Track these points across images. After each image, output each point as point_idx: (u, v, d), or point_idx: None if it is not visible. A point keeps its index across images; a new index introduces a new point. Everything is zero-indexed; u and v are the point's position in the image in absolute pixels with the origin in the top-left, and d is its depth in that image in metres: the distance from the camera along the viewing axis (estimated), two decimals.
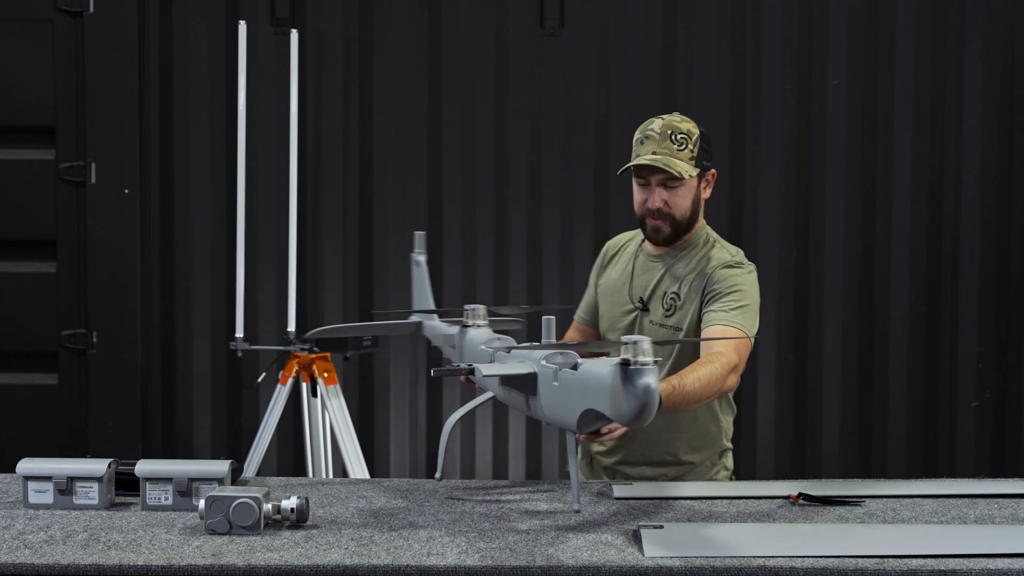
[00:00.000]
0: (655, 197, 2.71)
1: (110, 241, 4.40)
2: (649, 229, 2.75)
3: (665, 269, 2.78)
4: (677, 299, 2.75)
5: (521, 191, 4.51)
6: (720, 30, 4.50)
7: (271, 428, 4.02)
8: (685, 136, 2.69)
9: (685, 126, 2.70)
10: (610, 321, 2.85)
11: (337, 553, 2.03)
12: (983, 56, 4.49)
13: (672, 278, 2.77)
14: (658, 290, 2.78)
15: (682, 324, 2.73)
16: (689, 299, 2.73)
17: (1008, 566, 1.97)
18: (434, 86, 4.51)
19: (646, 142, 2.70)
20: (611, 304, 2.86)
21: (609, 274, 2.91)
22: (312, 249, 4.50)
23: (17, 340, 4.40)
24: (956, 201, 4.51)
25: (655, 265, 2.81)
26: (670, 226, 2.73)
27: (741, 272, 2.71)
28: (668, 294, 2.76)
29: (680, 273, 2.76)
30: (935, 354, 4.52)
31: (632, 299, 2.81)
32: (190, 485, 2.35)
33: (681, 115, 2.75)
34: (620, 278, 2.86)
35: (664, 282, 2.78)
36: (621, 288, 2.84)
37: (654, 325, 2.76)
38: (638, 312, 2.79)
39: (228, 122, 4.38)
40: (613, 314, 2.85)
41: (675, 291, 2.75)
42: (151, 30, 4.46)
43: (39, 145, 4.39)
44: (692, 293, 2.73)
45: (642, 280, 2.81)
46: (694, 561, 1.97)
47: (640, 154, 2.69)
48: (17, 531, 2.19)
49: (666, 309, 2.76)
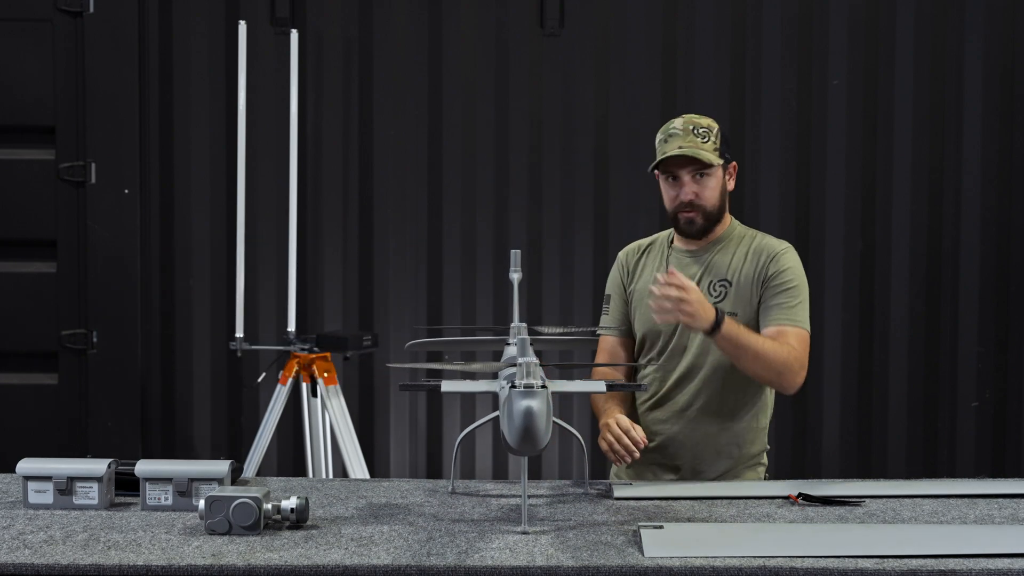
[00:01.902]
0: (686, 190, 2.78)
1: (110, 241, 4.40)
2: (683, 223, 2.82)
3: (706, 262, 2.85)
4: (727, 285, 2.81)
5: (521, 191, 4.51)
6: (720, 30, 4.50)
7: (271, 428, 4.02)
8: (706, 129, 2.78)
9: (705, 121, 2.80)
10: (652, 322, 2.81)
11: (337, 553, 2.03)
12: (983, 56, 4.49)
13: (715, 269, 2.83)
14: (702, 282, 2.82)
15: (737, 309, 2.79)
16: (741, 283, 2.80)
17: (1008, 566, 1.96)
18: (434, 86, 4.51)
19: (670, 139, 2.78)
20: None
21: (642, 278, 2.92)
22: (312, 249, 4.50)
23: (17, 340, 4.40)
24: (956, 201, 4.51)
25: (693, 260, 2.87)
26: (702, 217, 2.81)
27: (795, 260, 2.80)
28: (716, 283, 2.82)
29: (722, 263, 2.83)
30: (935, 354, 4.52)
31: None
32: (190, 485, 2.35)
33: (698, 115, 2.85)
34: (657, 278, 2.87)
35: (707, 274, 2.83)
36: None
37: None
38: None
39: (228, 122, 4.38)
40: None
41: (724, 278, 2.82)
42: (151, 30, 4.46)
43: (39, 145, 4.39)
44: (744, 277, 2.80)
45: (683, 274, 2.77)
46: (694, 561, 1.97)
47: (667, 151, 2.77)
48: (17, 531, 2.18)
49: (716, 296, 2.81)
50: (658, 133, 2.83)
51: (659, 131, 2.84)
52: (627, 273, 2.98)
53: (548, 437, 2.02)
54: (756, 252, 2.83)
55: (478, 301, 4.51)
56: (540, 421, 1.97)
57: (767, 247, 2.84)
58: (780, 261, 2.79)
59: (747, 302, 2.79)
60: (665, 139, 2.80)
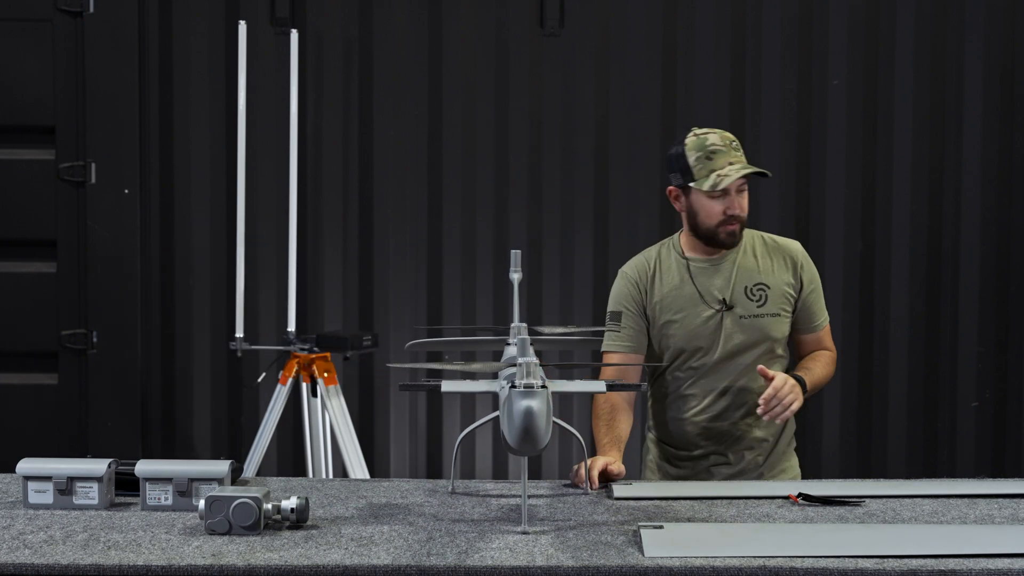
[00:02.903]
0: (736, 204, 2.83)
1: (110, 241, 4.40)
2: (724, 236, 2.84)
3: (734, 267, 2.88)
4: (765, 288, 2.88)
5: (521, 191, 4.51)
6: (720, 30, 4.50)
7: (271, 428, 4.02)
8: (737, 143, 2.86)
9: (729, 135, 2.87)
10: (689, 333, 2.86)
11: (337, 553, 2.03)
12: (983, 56, 4.49)
13: (746, 273, 2.87)
14: (737, 287, 2.86)
15: (777, 309, 2.87)
16: (779, 286, 2.88)
17: (1008, 566, 1.96)
18: (434, 86, 4.51)
19: (717, 156, 2.80)
20: (685, 316, 2.87)
21: (662, 291, 2.90)
22: (312, 249, 4.50)
23: (17, 340, 4.40)
24: (956, 201, 4.51)
25: (718, 267, 2.89)
26: (741, 229, 2.87)
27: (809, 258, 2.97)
28: (752, 287, 2.87)
29: (751, 266, 2.88)
30: (935, 354, 4.52)
31: (710, 303, 2.86)
32: (190, 485, 2.35)
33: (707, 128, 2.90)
34: (683, 293, 2.88)
35: (740, 278, 2.87)
36: (689, 301, 2.87)
37: (745, 318, 2.85)
38: (721, 313, 2.85)
39: (228, 122, 4.38)
40: (690, 325, 2.86)
41: (759, 281, 2.88)
42: (151, 30, 4.46)
43: (39, 145, 4.39)
44: (781, 281, 2.89)
45: (710, 283, 2.87)
46: (694, 561, 1.97)
47: (718, 168, 2.79)
48: (17, 531, 2.18)
49: (756, 300, 2.87)
50: (687, 150, 2.82)
51: (687, 148, 2.83)
52: (643, 289, 2.92)
53: (548, 437, 2.02)
54: (781, 255, 2.93)
55: (478, 301, 4.51)
56: (540, 421, 1.97)
57: (788, 249, 2.94)
58: (809, 263, 2.94)
59: (786, 304, 2.90)
60: (708, 156, 2.80)
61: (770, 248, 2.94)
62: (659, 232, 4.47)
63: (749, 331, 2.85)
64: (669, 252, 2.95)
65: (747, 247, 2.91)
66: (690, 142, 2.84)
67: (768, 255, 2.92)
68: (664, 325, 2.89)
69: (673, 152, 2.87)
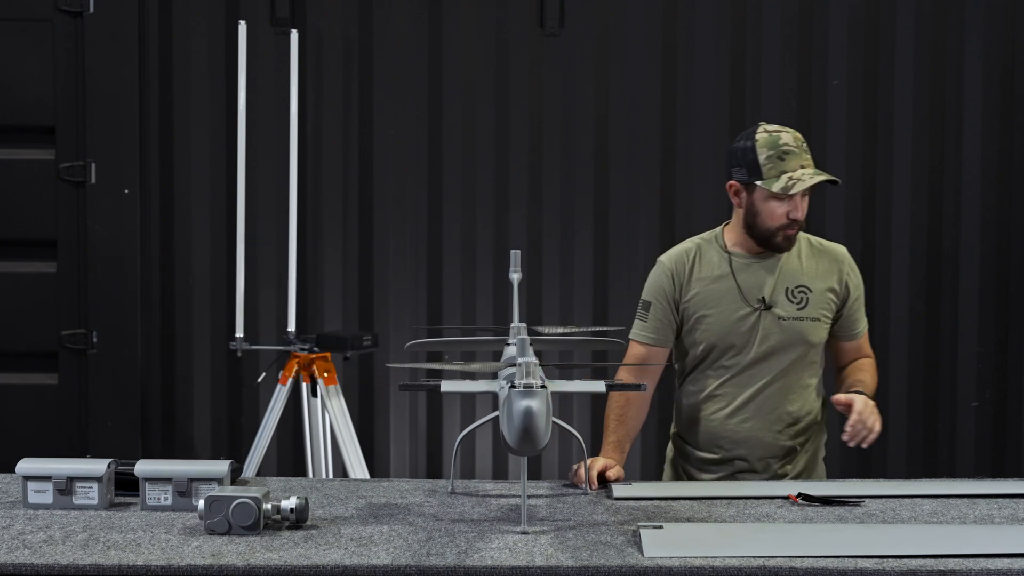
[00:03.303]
0: (800, 209, 2.76)
1: (110, 241, 4.40)
2: (782, 239, 2.78)
3: (777, 266, 2.83)
4: (807, 291, 2.82)
5: (521, 191, 4.51)
6: (720, 30, 4.50)
7: (271, 428, 4.02)
8: (807, 144, 2.79)
9: (799, 135, 2.79)
10: (723, 329, 2.82)
11: (337, 553, 2.03)
12: (983, 56, 4.49)
13: (789, 273, 2.82)
14: (779, 287, 2.81)
15: (817, 314, 2.82)
16: (821, 290, 2.83)
17: (1008, 566, 1.97)
18: (434, 86, 4.51)
19: (789, 157, 2.73)
20: (720, 311, 2.82)
21: (700, 287, 2.85)
22: (312, 249, 4.50)
23: (17, 340, 4.40)
24: (956, 201, 4.51)
25: (761, 265, 2.83)
26: (798, 232, 2.81)
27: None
28: (793, 289, 2.82)
29: (795, 268, 2.83)
30: (935, 354, 4.52)
31: (750, 302, 2.81)
32: (190, 485, 2.35)
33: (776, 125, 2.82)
34: (722, 287, 2.83)
35: (783, 278, 2.82)
36: (727, 296, 2.82)
37: (784, 320, 2.80)
38: (759, 312, 2.80)
39: (228, 122, 4.38)
40: (725, 320, 2.81)
41: (801, 284, 2.82)
42: (151, 30, 4.46)
43: (39, 145, 4.39)
44: (824, 285, 2.84)
45: (752, 282, 2.82)
46: (694, 561, 1.97)
47: (790, 170, 2.72)
48: (17, 531, 2.19)
49: (797, 302, 2.81)
50: (759, 146, 2.74)
51: (758, 144, 2.75)
52: (677, 283, 2.86)
53: (548, 437, 2.02)
54: (827, 259, 2.87)
55: (478, 301, 4.51)
56: (540, 421, 1.97)
57: (834, 254, 2.89)
58: (855, 269, 2.90)
59: (827, 307, 2.84)
60: (780, 156, 2.73)
61: (816, 251, 2.88)
62: (659, 232, 4.48)
63: (787, 333, 2.80)
64: (711, 245, 2.88)
65: (793, 249, 2.84)
66: (761, 139, 2.75)
67: (813, 258, 2.86)
68: (698, 319, 2.84)
69: (740, 146, 2.78)
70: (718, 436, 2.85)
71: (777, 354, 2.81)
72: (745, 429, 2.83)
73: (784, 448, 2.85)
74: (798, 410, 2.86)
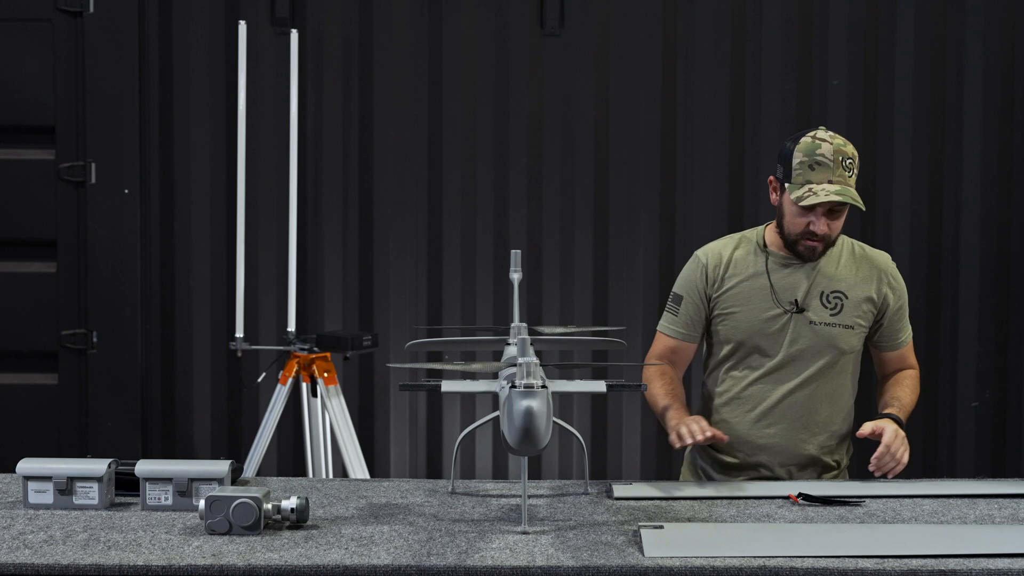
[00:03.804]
0: (821, 224, 2.68)
1: (110, 241, 4.40)
2: (803, 248, 2.73)
3: (815, 270, 2.77)
4: (842, 297, 2.77)
5: (521, 191, 4.51)
6: (720, 30, 4.50)
7: (271, 428, 4.02)
8: (852, 160, 2.69)
9: (849, 149, 2.69)
10: (751, 328, 2.78)
11: (337, 553, 2.03)
12: (983, 56, 4.49)
13: (826, 278, 2.77)
14: (813, 291, 2.76)
15: (852, 322, 2.77)
16: (858, 298, 2.78)
17: (1008, 566, 1.97)
18: (434, 86, 4.51)
19: (818, 169, 2.65)
20: (749, 311, 2.78)
21: (733, 283, 2.80)
22: (312, 249, 4.50)
23: (17, 340, 4.40)
24: (956, 201, 4.51)
25: (799, 267, 2.77)
26: (824, 246, 2.74)
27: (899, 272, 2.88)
28: (828, 294, 2.77)
29: (831, 273, 2.78)
30: (935, 354, 4.52)
31: (782, 303, 2.76)
32: (190, 485, 2.35)
33: (831, 131, 2.73)
34: (755, 285, 2.79)
35: (818, 282, 2.77)
36: (759, 294, 2.78)
37: (816, 325, 2.76)
38: (791, 315, 2.76)
39: (228, 122, 4.38)
40: (754, 320, 2.77)
41: (837, 290, 2.77)
42: (151, 30, 4.46)
43: (39, 145, 4.38)
44: (861, 293, 2.78)
45: (787, 283, 2.77)
46: (694, 561, 1.97)
47: (813, 182, 2.65)
48: (17, 531, 2.19)
49: (831, 308, 2.76)
50: (797, 150, 2.68)
51: (798, 147, 2.68)
52: (711, 279, 2.82)
53: (548, 437, 2.02)
54: (868, 266, 2.81)
55: (478, 301, 4.51)
56: (540, 421, 1.97)
57: (877, 262, 2.84)
58: (898, 278, 2.85)
59: (863, 316, 2.79)
60: (811, 165, 2.66)
61: (858, 257, 2.82)
62: (659, 232, 4.48)
63: (817, 338, 2.75)
64: (749, 242, 2.84)
65: (833, 252, 2.79)
66: (803, 143, 2.69)
67: (854, 264, 2.81)
68: (727, 315, 2.80)
69: (787, 143, 2.74)
70: (741, 440, 2.80)
71: (806, 359, 2.76)
72: (769, 435, 2.78)
73: (808, 457, 2.81)
74: (826, 419, 2.81)
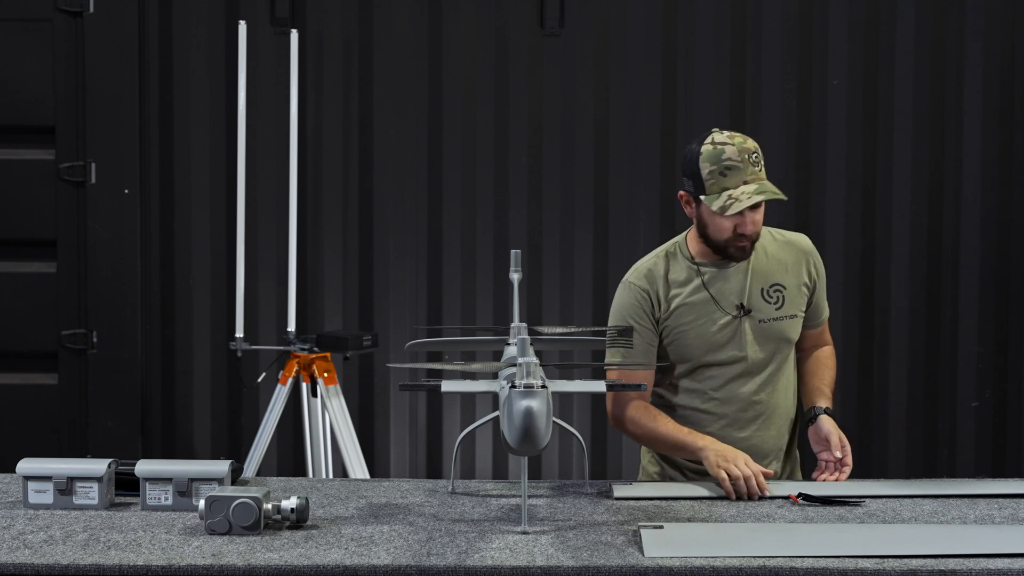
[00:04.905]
0: (748, 224, 2.65)
1: (110, 241, 4.40)
2: (734, 250, 2.69)
3: (748, 269, 2.74)
4: (782, 289, 2.76)
5: (521, 191, 4.51)
6: (720, 30, 4.50)
7: (271, 428, 4.03)
8: (757, 154, 2.65)
9: (751, 144, 2.66)
10: (705, 340, 2.72)
11: (337, 553, 2.03)
12: (983, 56, 4.49)
13: (760, 273, 2.75)
14: (753, 289, 2.73)
15: (795, 310, 2.77)
16: (794, 286, 2.77)
17: (1008, 566, 1.97)
18: (434, 86, 4.51)
19: (731, 173, 2.61)
20: (698, 327, 2.72)
21: (676, 302, 2.74)
22: (312, 249, 4.50)
23: (17, 340, 4.40)
24: (956, 201, 4.51)
25: (731, 271, 2.73)
26: (751, 244, 2.71)
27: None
28: (768, 289, 2.74)
29: (766, 268, 2.75)
30: (935, 354, 4.52)
31: (727, 310, 2.72)
32: (190, 485, 2.35)
33: (726, 131, 2.69)
34: (697, 300, 2.73)
35: (755, 280, 2.74)
36: (705, 306, 2.73)
37: (765, 323, 2.73)
38: (739, 319, 2.73)
39: (228, 122, 4.38)
40: (705, 333, 2.72)
41: (775, 282, 2.75)
42: (151, 30, 4.46)
43: (39, 145, 4.39)
44: (796, 280, 2.77)
45: (726, 288, 2.73)
46: (694, 561, 1.97)
47: (731, 187, 2.61)
48: (17, 531, 2.19)
49: (774, 302, 2.74)
50: (703, 160, 2.63)
51: (702, 157, 2.63)
52: (656, 301, 2.74)
53: (548, 437, 2.02)
54: (793, 252, 2.79)
55: (478, 301, 4.51)
56: (540, 421, 1.97)
57: (798, 244, 2.82)
58: (817, 256, 2.83)
59: (801, 304, 2.78)
60: (722, 171, 2.61)
61: (780, 244, 2.79)
62: (659, 232, 4.47)
63: (769, 336, 2.73)
64: (675, 257, 2.77)
65: (758, 246, 2.74)
66: (705, 151, 2.63)
67: (780, 251, 2.78)
68: (678, 335, 2.73)
69: (688, 154, 2.68)
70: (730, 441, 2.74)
71: (765, 358, 2.74)
72: (743, 439, 2.74)
73: (780, 448, 2.84)
74: (788, 408, 2.84)
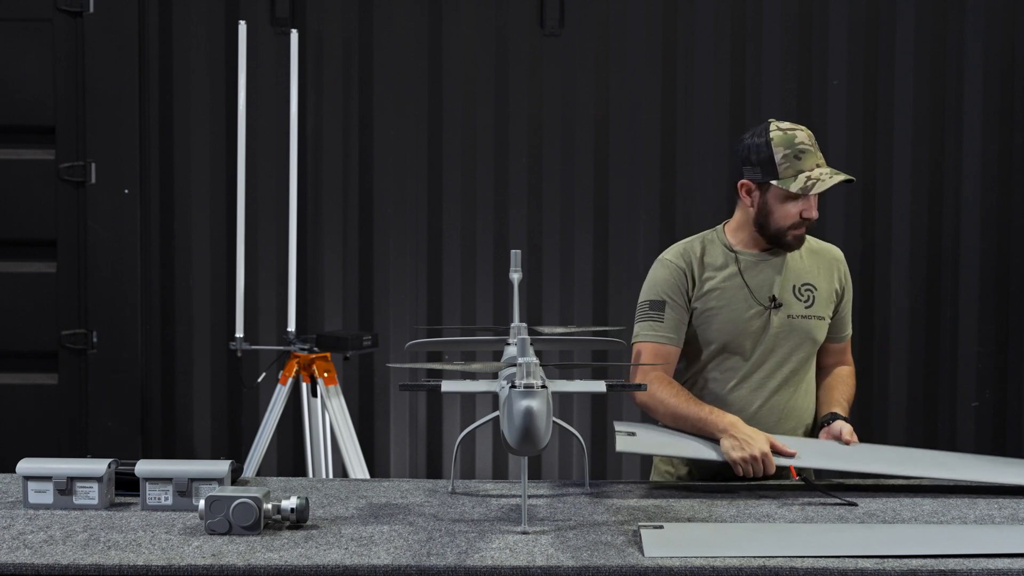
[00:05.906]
0: (814, 209, 2.72)
1: (110, 241, 4.40)
2: (792, 238, 2.75)
3: (783, 265, 2.80)
4: (813, 290, 2.81)
5: (521, 191, 4.51)
6: (720, 30, 4.50)
7: (271, 428, 4.03)
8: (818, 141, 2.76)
9: (810, 131, 2.75)
10: (735, 327, 2.76)
11: (337, 553, 2.03)
12: (983, 56, 4.49)
13: (795, 273, 2.81)
14: (785, 285, 2.79)
15: (823, 313, 2.83)
16: (825, 289, 2.83)
17: (1008, 566, 1.97)
18: (434, 86, 4.51)
19: (805, 156, 2.69)
20: (728, 312, 2.76)
21: (710, 284, 2.78)
22: (312, 249, 4.50)
23: (17, 340, 4.40)
24: (956, 201, 4.52)
25: (768, 263, 2.79)
26: (806, 231, 2.78)
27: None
28: (800, 287, 2.80)
29: (800, 267, 2.81)
30: (935, 354, 4.52)
31: (759, 300, 2.77)
32: (190, 485, 2.35)
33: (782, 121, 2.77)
34: (731, 285, 2.77)
35: (789, 276, 2.79)
36: (737, 294, 2.77)
37: (794, 318, 2.78)
38: (769, 311, 2.77)
39: (228, 122, 4.38)
40: (736, 319, 2.76)
41: (808, 283, 2.82)
42: (151, 30, 4.46)
43: (39, 145, 4.39)
44: (827, 284, 2.84)
45: (760, 279, 2.78)
46: (694, 561, 1.97)
47: (807, 169, 2.68)
48: (17, 531, 2.19)
49: (805, 301, 2.80)
50: (775, 145, 2.69)
51: (774, 142, 2.69)
52: (691, 280, 2.78)
53: (548, 437, 2.02)
54: (825, 259, 2.86)
55: (478, 301, 4.51)
56: (540, 421, 1.97)
57: (831, 254, 2.89)
58: (847, 271, 2.92)
59: (829, 308, 2.85)
60: (796, 155, 2.68)
61: (815, 250, 2.87)
62: (659, 232, 4.48)
63: (796, 332, 2.77)
64: (713, 242, 2.82)
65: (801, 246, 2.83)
66: (776, 137, 2.69)
67: (814, 256, 2.85)
68: (708, 317, 2.77)
69: (752, 143, 2.72)
70: None
71: (788, 354, 2.78)
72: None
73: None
74: (808, 409, 2.87)
